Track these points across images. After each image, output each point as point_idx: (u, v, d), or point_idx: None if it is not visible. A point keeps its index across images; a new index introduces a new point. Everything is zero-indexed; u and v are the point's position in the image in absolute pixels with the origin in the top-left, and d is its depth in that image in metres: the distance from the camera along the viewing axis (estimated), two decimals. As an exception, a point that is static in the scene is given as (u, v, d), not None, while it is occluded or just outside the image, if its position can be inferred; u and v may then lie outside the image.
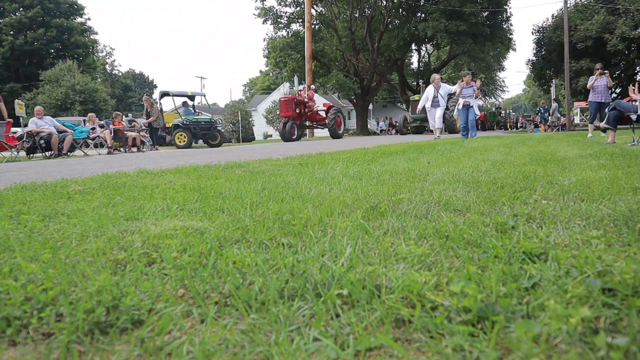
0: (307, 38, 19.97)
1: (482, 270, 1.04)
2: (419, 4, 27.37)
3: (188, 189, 2.54)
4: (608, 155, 4.17)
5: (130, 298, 0.92)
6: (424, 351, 0.74)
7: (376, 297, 0.92)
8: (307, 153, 5.76)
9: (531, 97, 65.28)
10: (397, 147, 6.64)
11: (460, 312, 0.83)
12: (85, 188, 2.61)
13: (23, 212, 1.90)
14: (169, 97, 15.20)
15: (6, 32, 36.89)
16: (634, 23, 23.62)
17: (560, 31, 25.14)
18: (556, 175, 2.73)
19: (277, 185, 2.56)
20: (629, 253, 1.11)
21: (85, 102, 33.15)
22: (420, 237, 1.37)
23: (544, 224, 1.48)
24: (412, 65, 38.66)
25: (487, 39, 26.57)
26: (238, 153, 6.86)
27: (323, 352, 0.74)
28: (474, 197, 2.01)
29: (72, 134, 11.13)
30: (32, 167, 5.23)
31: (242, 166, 3.94)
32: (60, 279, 1.02)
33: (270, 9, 29.27)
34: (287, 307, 0.90)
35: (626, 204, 1.69)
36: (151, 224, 1.60)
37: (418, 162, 3.89)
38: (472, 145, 6.99)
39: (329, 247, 1.25)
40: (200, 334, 0.82)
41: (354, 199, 2.00)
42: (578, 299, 0.85)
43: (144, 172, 3.50)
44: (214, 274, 1.08)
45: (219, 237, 1.40)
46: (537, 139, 9.61)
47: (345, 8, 28.39)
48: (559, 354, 0.70)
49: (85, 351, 0.79)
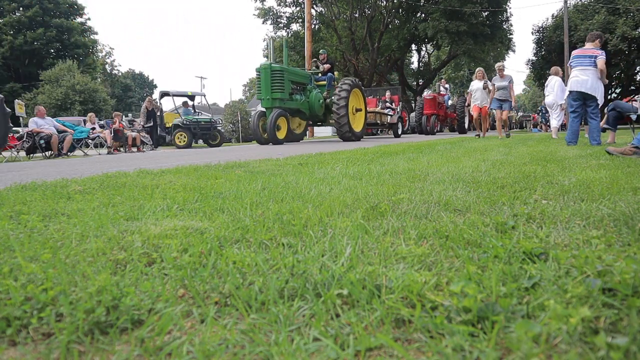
0: (307, 38, 19.96)
1: (482, 270, 1.04)
2: (419, 4, 27.37)
3: (188, 188, 2.54)
4: (608, 155, 4.17)
5: (130, 298, 0.92)
6: (424, 351, 0.74)
7: (376, 297, 0.92)
8: (307, 153, 5.76)
9: (531, 97, 65.26)
10: (397, 147, 6.64)
11: (460, 312, 0.83)
12: (85, 188, 2.61)
13: (23, 212, 1.90)
14: (169, 97, 15.21)
15: (5, 31, 36.89)
16: (635, 23, 23.62)
17: (560, 31, 25.15)
18: (556, 175, 2.73)
19: (277, 185, 2.56)
20: (629, 253, 1.11)
21: (85, 102, 33.16)
22: (420, 237, 1.37)
23: (544, 224, 1.48)
24: (412, 65, 38.68)
25: (487, 39, 26.60)
26: (238, 153, 6.86)
27: (323, 352, 0.74)
28: (474, 197, 2.01)
29: (72, 134, 11.13)
30: (32, 167, 5.23)
31: (242, 166, 3.94)
32: (60, 279, 1.02)
33: (270, 9, 29.29)
34: (287, 307, 0.90)
35: (626, 204, 1.69)
36: (151, 224, 1.60)
37: (418, 162, 3.89)
38: (472, 145, 6.99)
39: (329, 247, 1.25)
40: (200, 334, 0.82)
41: (354, 199, 2.00)
42: (578, 299, 0.85)
43: (144, 172, 3.50)
44: (214, 274, 1.08)
45: (219, 237, 1.40)
46: (537, 139, 9.61)
47: (345, 8, 28.40)
48: (559, 354, 0.70)
49: (85, 351, 0.79)
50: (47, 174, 3.90)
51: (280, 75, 10.28)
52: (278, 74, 10.27)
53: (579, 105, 6.36)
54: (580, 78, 6.26)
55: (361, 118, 12.42)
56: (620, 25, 23.30)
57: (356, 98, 12.16)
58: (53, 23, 39.01)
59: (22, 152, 10.69)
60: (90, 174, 3.59)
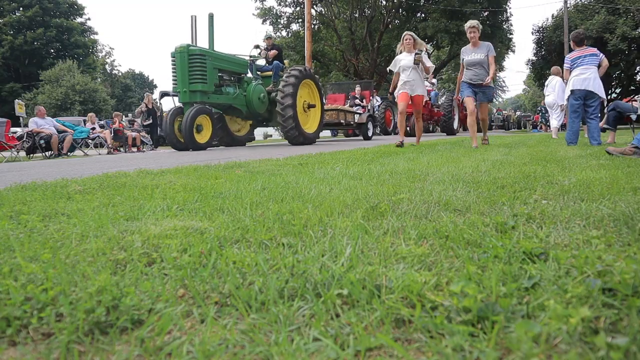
0: (307, 38, 19.94)
1: (482, 270, 1.04)
2: (419, 4, 27.38)
3: (188, 188, 2.54)
4: (608, 155, 4.17)
5: (130, 298, 0.92)
6: (424, 351, 0.74)
7: (376, 297, 0.92)
8: (307, 153, 5.76)
9: (531, 97, 65.28)
10: (397, 147, 6.64)
11: (460, 312, 0.83)
12: (85, 188, 2.61)
13: (23, 212, 1.90)
14: (169, 97, 15.19)
15: (5, 31, 36.89)
16: (635, 23, 23.62)
17: (560, 31, 25.15)
18: (556, 175, 2.73)
19: (277, 185, 2.56)
20: (629, 253, 1.11)
21: (85, 102, 33.17)
22: (420, 237, 1.37)
23: (544, 224, 1.48)
24: (412, 65, 38.65)
25: (487, 38, 26.59)
26: (238, 153, 6.86)
27: (323, 352, 0.74)
28: (474, 197, 2.01)
29: (72, 134, 11.14)
30: (32, 167, 5.23)
31: (242, 166, 3.94)
32: (60, 279, 1.02)
33: (270, 9, 29.29)
34: (287, 307, 0.90)
35: (626, 204, 1.69)
36: (151, 224, 1.60)
37: (418, 162, 3.89)
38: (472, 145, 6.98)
39: (329, 247, 1.25)
40: (200, 334, 0.82)
41: (354, 199, 2.00)
42: (578, 299, 0.85)
43: (144, 172, 3.50)
44: (214, 274, 1.08)
45: (219, 237, 1.40)
46: (537, 139, 9.61)
47: (345, 8, 28.40)
48: (559, 354, 0.70)
49: (85, 351, 0.79)
50: (47, 174, 3.90)
51: (201, 60, 8.00)
52: (198, 59, 7.97)
53: (579, 104, 6.35)
54: (584, 76, 6.23)
55: (316, 116, 10.18)
56: (620, 25, 23.29)
57: (308, 91, 10.02)
58: (53, 23, 39.01)
59: (22, 152, 10.70)
60: (90, 174, 3.59)
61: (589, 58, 6.25)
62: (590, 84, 6.18)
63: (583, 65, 6.27)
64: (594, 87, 6.18)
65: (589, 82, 6.19)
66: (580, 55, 6.35)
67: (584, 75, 6.24)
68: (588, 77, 6.22)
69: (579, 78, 6.28)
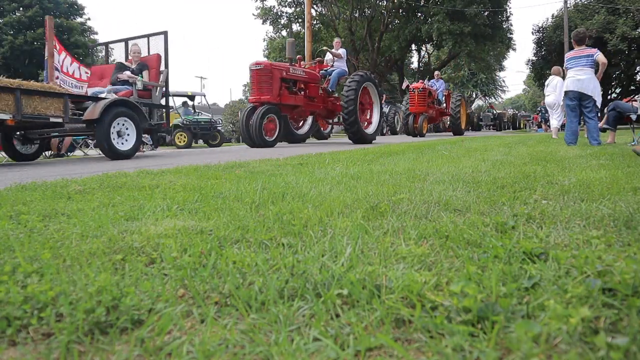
0: (307, 38, 19.91)
1: (482, 270, 1.04)
2: (419, 4, 27.37)
3: (188, 188, 2.54)
4: (608, 155, 4.17)
5: (130, 298, 0.92)
6: (424, 351, 0.74)
7: (376, 297, 0.92)
8: (307, 153, 5.76)
9: (531, 97, 65.26)
10: (397, 147, 6.64)
11: (460, 312, 0.83)
12: (85, 188, 2.61)
13: (23, 212, 1.90)
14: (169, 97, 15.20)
15: (5, 31, 36.89)
16: (634, 23, 23.62)
17: (560, 31, 25.14)
18: (556, 175, 2.73)
19: (277, 185, 2.56)
20: (629, 253, 1.11)
21: (85, 102, 33.14)
22: (420, 237, 1.37)
23: (544, 224, 1.48)
24: (412, 65, 38.66)
25: (487, 38, 26.58)
26: (238, 153, 6.86)
27: (323, 352, 0.74)
28: (474, 197, 2.01)
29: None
30: (32, 167, 5.23)
31: (242, 166, 3.93)
32: (60, 279, 1.02)
33: (270, 9, 29.29)
34: (287, 307, 0.90)
35: (626, 204, 1.69)
36: (151, 224, 1.60)
37: (418, 162, 3.89)
38: (472, 145, 6.99)
39: (329, 247, 1.25)
40: (200, 334, 0.82)
41: (354, 199, 2.00)
42: (578, 299, 0.85)
43: (144, 172, 3.50)
44: (214, 274, 1.08)
45: (219, 237, 1.40)
46: (537, 139, 9.61)
47: (345, 8, 28.38)
48: (559, 354, 0.70)
49: (85, 351, 0.79)
50: (47, 174, 3.90)
51: None
52: None
53: (575, 104, 6.36)
54: (577, 78, 6.27)
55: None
56: (620, 25, 23.28)
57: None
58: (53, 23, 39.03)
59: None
60: (90, 174, 3.59)
61: (585, 59, 6.26)
62: (583, 85, 6.21)
63: (578, 66, 6.30)
64: (587, 89, 6.21)
65: (582, 83, 6.22)
66: (576, 56, 6.37)
67: (579, 77, 6.27)
68: (582, 78, 6.24)
69: (574, 79, 6.32)
